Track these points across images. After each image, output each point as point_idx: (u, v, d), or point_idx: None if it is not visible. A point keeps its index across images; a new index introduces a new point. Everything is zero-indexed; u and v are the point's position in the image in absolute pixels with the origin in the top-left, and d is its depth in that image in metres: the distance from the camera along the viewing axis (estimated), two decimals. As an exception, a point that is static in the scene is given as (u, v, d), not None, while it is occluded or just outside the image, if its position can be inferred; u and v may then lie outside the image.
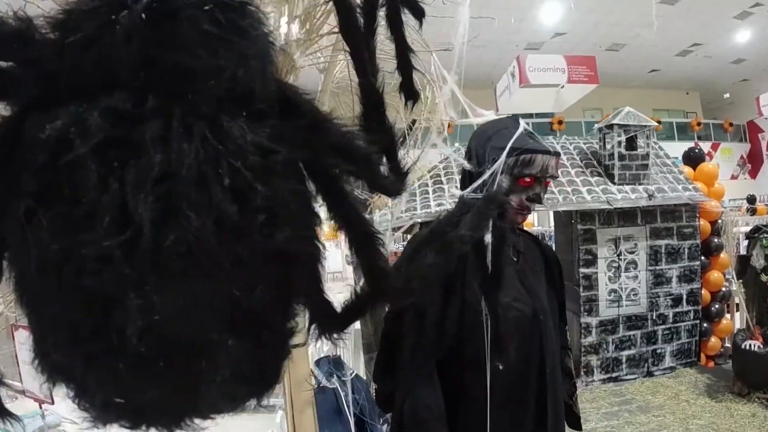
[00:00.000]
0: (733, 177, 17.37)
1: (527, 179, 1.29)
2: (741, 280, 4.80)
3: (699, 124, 17.16)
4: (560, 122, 14.48)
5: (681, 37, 13.88)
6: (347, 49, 0.58)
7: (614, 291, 4.82)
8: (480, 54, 14.19)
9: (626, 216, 4.82)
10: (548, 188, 1.48)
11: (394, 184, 0.62)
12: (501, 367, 1.20)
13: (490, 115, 1.51)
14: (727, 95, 18.97)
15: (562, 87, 7.83)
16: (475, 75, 15.02)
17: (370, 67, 0.58)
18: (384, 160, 0.60)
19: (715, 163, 16.31)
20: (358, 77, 0.59)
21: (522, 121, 1.34)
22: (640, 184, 4.89)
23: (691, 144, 15.93)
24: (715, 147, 17.18)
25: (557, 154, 1.34)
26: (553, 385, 1.35)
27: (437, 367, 1.26)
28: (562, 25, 12.66)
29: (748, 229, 5.11)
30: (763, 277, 4.40)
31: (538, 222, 14.45)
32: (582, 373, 4.79)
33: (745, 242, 5.04)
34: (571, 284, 4.96)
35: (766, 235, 4.40)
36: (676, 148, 6.16)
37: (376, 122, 0.60)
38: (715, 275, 5.22)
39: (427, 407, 1.21)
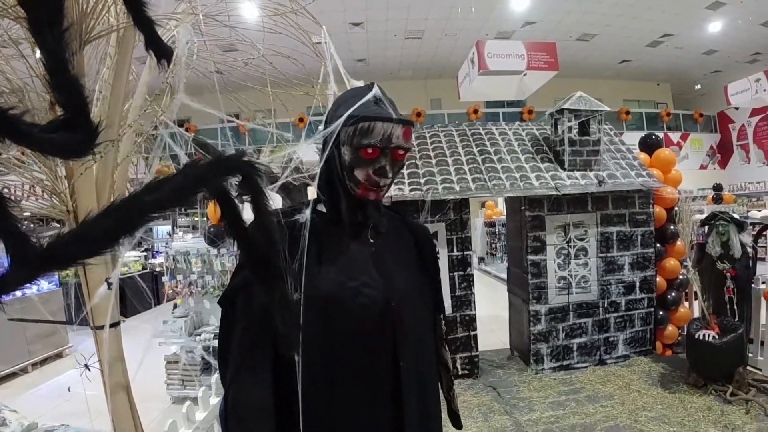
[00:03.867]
0: (703, 167, 17.69)
1: (369, 150, 1.14)
2: (696, 269, 4.73)
3: (668, 114, 17.38)
4: (530, 112, 14.50)
5: (652, 28, 14.00)
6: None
7: (564, 278, 4.75)
8: (452, 43, 14.18)
9: (576, 202, 4.74)
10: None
11: (80, 143, 0.65)
12: (298, 359, 1.07)
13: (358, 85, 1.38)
14: (698, 86, 19.22)
15: (525, 74, 7.75)
16: (448, 64, 14.99)
17: (50, 24, 0.64)
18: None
19: (686, 153, 16.68)
20: (32, 36, 0.64)
21: (375, 88, 1.19)
22: (590, 170, 4.83)
23: (660, 134, 16.19)
24: (684, 137, 17.44)
25: (404, 123, 1.17)
26: (413, 378, 1.22)
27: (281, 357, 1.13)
28: (532, 14, 12.64)
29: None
30: (720, 265, 4.36)
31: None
32: (532, 361, 4.74)
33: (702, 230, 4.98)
34: (519, 271, 4.89)
35: (722, 222, 4.35)
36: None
37: (59, 80, 0.66)
38: (671, 263, 5.17)
39: (247, 401, 1.09)
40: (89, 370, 1.19)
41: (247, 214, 0.87)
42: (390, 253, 1.28)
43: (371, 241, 1.25)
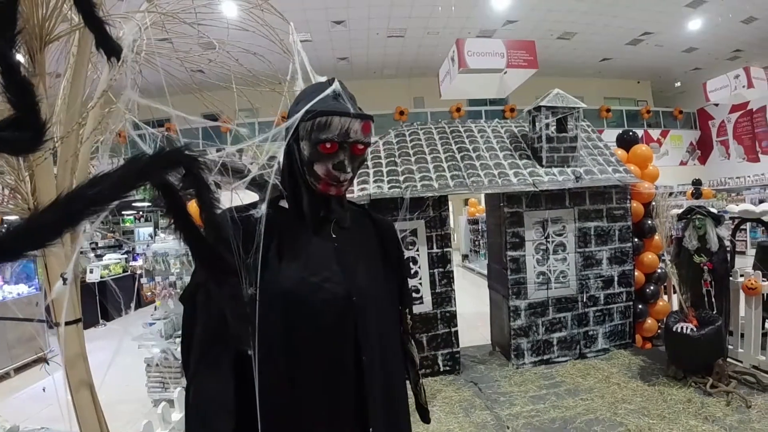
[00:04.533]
0: (683, 163, 17.97)
1: (327, 145, 1.14)
2: (674, 262, 4.76)
3: (648, 111, 17.61)
4: (512, 110, 14.59)
5: (632, 26, 14.18)
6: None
7: (543, 273, 4.79)
8: (435, 41, 14.24)
9: (554, 198, 4.79)
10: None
11: (29, 141, 0.70)
12: (249, 352, 1.07)
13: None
14: (678, 84, 19.49)
15: (505, 72, 7.81)
16: (431, 62, 15.06)
17: (2, 28, 0.69)
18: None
19: (666, 149, 16.91)
20: None
21: (336, 83, 1.20)
22: (568, 166, 4.88)
23: (641, 131, 16.46)
24: (664, 134, 17.71)
25: (362, 117, 1.17)
26: (377, 373, 1.22)
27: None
28: (513, 13, 12.74)
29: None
30: (697, 259, 4.40)
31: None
32: (513, 356, 4.78)
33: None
34: (499, 267, 4.93)
35: (698, 216, 4.39)
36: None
37: (10, 81, 0.70)
38: (649, 257, 5.24)
39: (207, 397, 1.09)
40: (48, 363, 1.20)
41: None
42: (353, 248, 1.28)
43: (333, 236, 1.25)
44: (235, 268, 0.99)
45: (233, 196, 1.34)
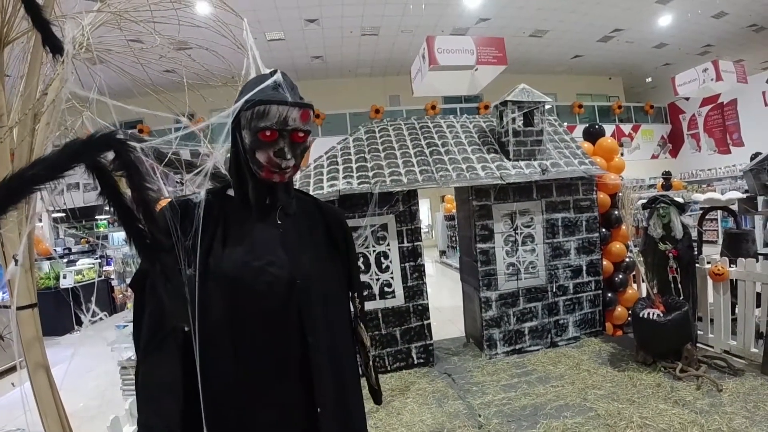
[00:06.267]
0: (654, 157, 18.31)
1: (267, 133, 1.18)
2: (641, 251, 4.85)
3: (620, 107, 17.91)
4: (486, 107, 14.71)
5: (602, 23, 14.35)
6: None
7: (512, 265, 4.88)
8: (409, 39, 14.29)
9: (522, 191, 4.88)
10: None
11: None
12: (187, 329, 1.11)
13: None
14: (649, 79, 19.83)
15: (476, 69, 7.89)
16: (405, 60, 15.13)
17: None
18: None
19: (637, 144, 17.20)
20: None
21: (278, 74, 1.23)
22: (535, 159, 4.97)
23: (612, 126, 16.74)
24: (636, 129, 18.03)
25: (300, 106, 1.21)
26: (324, 355, 1.26)
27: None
28: (485, 11, 12.84)
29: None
30: (661, 246, 4.50)
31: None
32: (485, 346, 4.86)
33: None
34: (470, 259, 5.00)
35: (662, 205, 4.48)
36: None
37: None
38: (617, 246, 5.36)
39: (153, 379, 1.13)
40: (2, 339, 1.23)
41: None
42: (298, 233, 1.31)
43: (279, 222, 1.29)
44: (165, 246, 1.03)
45: (195, 190, 1.38)
